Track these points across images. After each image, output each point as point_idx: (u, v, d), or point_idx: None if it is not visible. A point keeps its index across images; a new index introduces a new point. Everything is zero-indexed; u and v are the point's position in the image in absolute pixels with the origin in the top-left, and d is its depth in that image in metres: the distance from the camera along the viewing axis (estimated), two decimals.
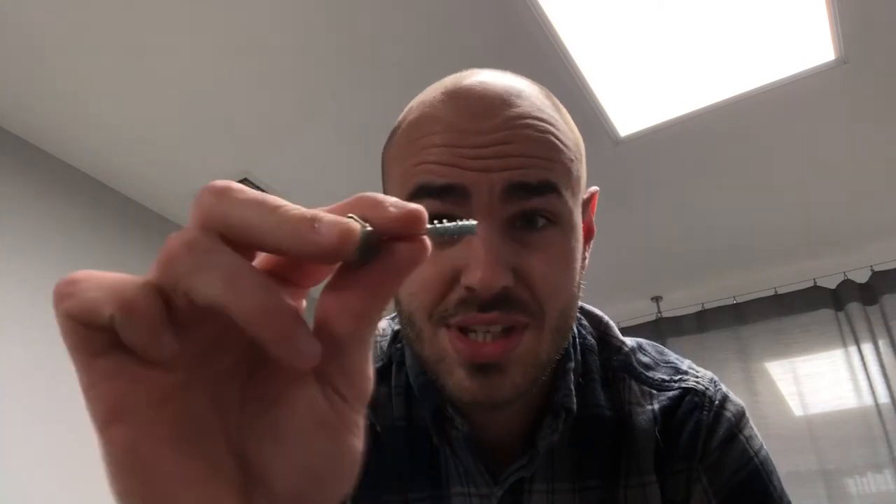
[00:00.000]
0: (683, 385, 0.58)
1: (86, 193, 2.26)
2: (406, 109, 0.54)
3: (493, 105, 0.47)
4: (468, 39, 1.82)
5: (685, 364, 0.61)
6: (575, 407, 0.53)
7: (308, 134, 2.16)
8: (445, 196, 0.46)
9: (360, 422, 0.26)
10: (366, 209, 0.23)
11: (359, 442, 0.25)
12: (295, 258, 0.23)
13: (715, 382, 0.59)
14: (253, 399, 0.25)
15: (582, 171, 0.53)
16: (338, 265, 0.24)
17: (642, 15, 1.75)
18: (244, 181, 2.34)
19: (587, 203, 0.55)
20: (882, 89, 2.00)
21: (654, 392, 0.57)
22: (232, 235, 0.22)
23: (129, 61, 1.85)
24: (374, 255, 0.23)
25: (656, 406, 0.56)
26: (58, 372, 1.98)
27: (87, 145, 2.16)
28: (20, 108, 2.00)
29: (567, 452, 0.54)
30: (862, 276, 2.77)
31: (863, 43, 1.83)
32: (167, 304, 0.21)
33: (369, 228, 0.22)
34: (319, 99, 2.02)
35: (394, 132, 0.54)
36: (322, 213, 0.22)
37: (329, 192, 2.41)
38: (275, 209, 0.22)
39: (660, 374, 0.59)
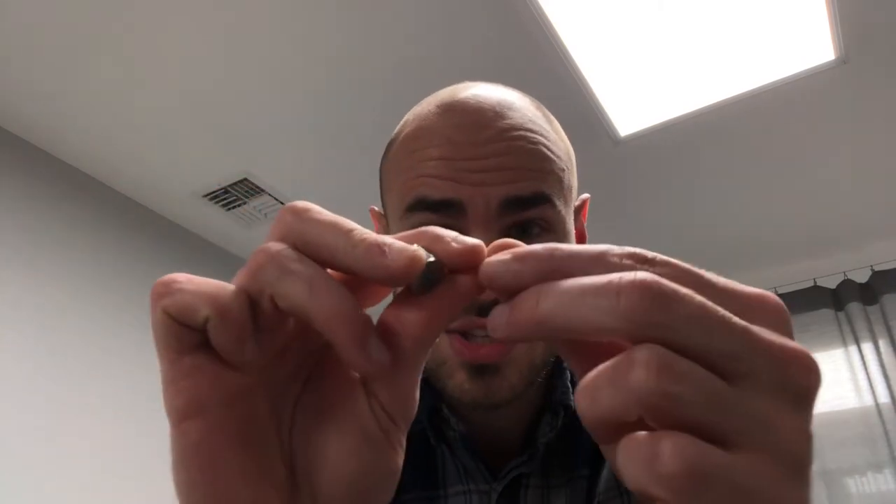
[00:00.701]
0: None
1: (86, 193, 2.27)
2: (402, 122, 0.56)
3: (487, 117, 0.49)
4: (468, 40, 1.82)
5: None
6: (573, 404, 0.55)
7: (308, 134, 2.16)
8: (442, 210, 0.48)
9: (403, 440, 0.27)
10: (429, 242, 0.25)
11: (400, 459, 0.27)
12: (363, 278, 0.24)
13: None
14: (305, 407, 0.26)
15: (573, 179, 0.54)
16: (398, 290, 0.26)
17: (642, 15, 1.75)
18: (244, 181, 2.34)
19: (579, 210, 0.57)
20: (882, 89, 2.01)
21: None
22: (308, 252, 0.23)
23: (130, 61, 1.85)
24: (435, 283, 0.25)
25: None
26: (57, 372, 1.98)
27: (87, 145, 2.17)
28: (20, 108, 2.00)
29: (558, 447, 0.55)
30: (862, 276, 2.77)
31: (863, 43, 1.83)
32: (253, 311, 0.23)
33: (432, 259, 0.24)
34: (319, 99, 2.02)
35: (390, 144, 0.55)
36: (391, 240, 0.23)
37: (329, 191, 2.41)
38: (349, 231, 0.23)
39: None
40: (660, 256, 0.22)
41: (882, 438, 2.53)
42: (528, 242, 0.48)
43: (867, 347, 2.66)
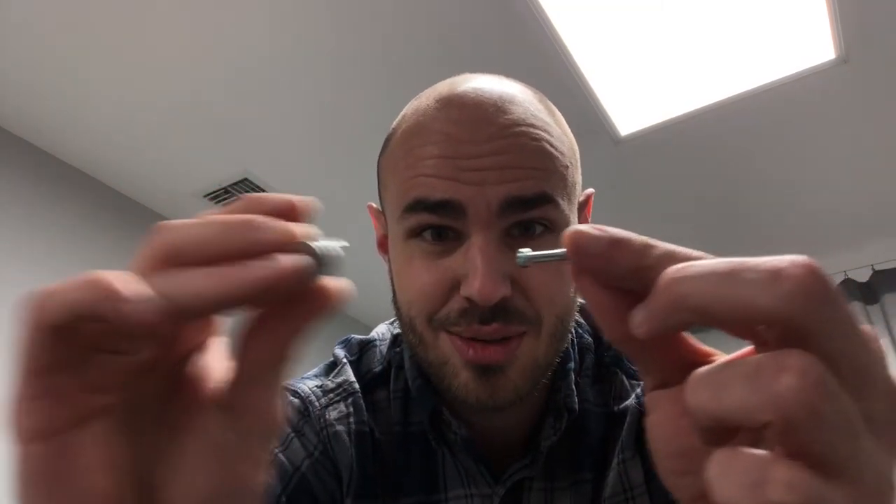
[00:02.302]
0: None
1: (86, 193, 2.26)
2: (400, 117, 0.54)
3: (488, 113, 0.47)
4: (468, 40, 1.82)
5: None
6: (577, 406, 0.53)
7: (308, 134, 2.16)
8: (441, 211, 0.46)
9: (263, 456, 0.26)
10: (255, 207, 0.24)
11: (258, 474, 0.26)
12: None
13: None
14: (161, 426, 0.26)
15: (577, 175, 0.52)
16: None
17: (642, 15, 1.75)
18: (244, 181, 2.34)
19: (583, 205, 0.55)
20: (882, 89, 2.00)
21: (639, 381, 0.58)
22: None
23: (130, 61, 1.85)
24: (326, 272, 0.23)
25: (639, 390, 0.57)
26: None
27: (86, 145, 2.16)
28: (20, 108, 2.00)
29: (562, 450, 0.54)
30: (863, 276, 2.76)
31: (863, 43, 1.83)
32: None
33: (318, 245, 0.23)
34: (319, 99, 2.02)
35: (388, 140, 0.54)
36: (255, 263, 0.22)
37: (329, 191, 2.41)
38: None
39: None
40: None
41: None
42: (531, 242, 0.47)
43: None
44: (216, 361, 0.27)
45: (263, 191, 2.38)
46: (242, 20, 1.75)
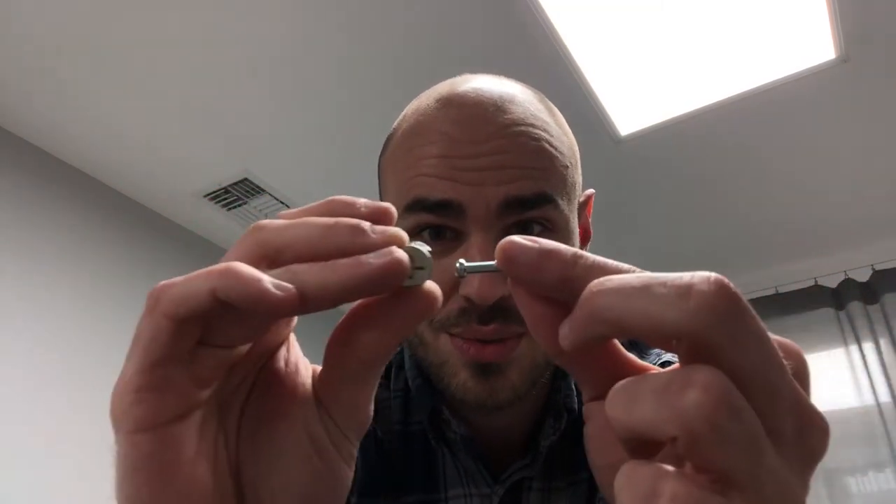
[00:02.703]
0: (661, 360, 0.58)
1: (86, 193, 2.26)
2: (400, 117, 0.54)
3: (487, 112, 0.47)
4: (469, 40, 1.82)
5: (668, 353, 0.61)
6: (577, 406, 0.53)
7: (308, 134, 2.16)
8: (440, 211, 0.46)
9: (354, 453, 0.27)
10: (341, 209, 0.24)
11: (350, 471, 0.27)
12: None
13: None
14: (252, 418, 0.26)
15: (577, 175, 0.53)
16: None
17: (642, 15, 1.75)
18: (244, 181, 2.34)
19: (583, 206, 0.55)
20: (882, 89, 2.00)
21: None
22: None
23: (130, 61, 1.85)
24: (425, 276, 0.24)
25: None
26: (58, 371, 1.98)
27: (86, 145, 2.16)
28: (20, 108, 2.00)
29: (561, 449, 0.54)
30: (863, 275, 2.76)
31: (863, 43, 1.83)
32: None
33: (422, 249, 0.24)
34: (319, 99, 2.02)
35: (389, 140, 0.54)
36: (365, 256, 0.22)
37: (329, 191, 2.40)
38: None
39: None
40: None
41: (883, 437, 2.53)
42: None
43: (868, 347, 2.66)
44: (298, 357, 0.27)
45: (263, 191, 2.38)
46: (243, 20, 1.75)
